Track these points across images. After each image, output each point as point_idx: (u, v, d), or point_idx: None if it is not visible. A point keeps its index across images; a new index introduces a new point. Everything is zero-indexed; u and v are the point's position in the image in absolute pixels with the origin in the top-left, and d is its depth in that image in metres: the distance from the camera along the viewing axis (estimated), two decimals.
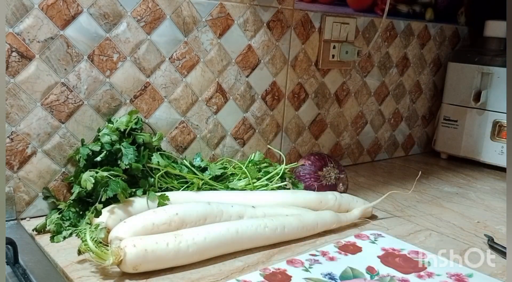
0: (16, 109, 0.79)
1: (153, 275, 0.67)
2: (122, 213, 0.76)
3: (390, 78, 1.34)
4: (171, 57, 0.94)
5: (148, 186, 0.82)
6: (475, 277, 0.72)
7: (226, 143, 1.06)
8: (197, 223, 0.75)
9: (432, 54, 1.42)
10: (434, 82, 1.46)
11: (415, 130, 1.47)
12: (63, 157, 0.85)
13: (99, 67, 0.86)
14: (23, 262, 0.68)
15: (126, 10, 0.87)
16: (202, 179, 0.89)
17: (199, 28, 0.96)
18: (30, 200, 0.83)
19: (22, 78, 0.79)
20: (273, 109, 1.11)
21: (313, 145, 1.22)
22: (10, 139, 0.80)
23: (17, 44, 0.77)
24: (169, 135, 0.97)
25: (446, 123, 1.43)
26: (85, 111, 0.86)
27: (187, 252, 0.69)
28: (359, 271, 0.71)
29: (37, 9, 0.78)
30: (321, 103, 1.20)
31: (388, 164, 1.37)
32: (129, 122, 0.85)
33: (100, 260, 0.64)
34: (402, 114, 1.41)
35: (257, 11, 1.03)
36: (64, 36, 0.81)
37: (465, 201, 1.09)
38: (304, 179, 0.99)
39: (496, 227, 0.94)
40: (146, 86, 0.92)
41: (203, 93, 0.99)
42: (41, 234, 0.78)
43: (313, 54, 1.15)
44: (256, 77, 1.06)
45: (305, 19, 1.11)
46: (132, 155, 0.81)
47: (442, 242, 0.85)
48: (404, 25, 1.32)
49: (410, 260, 0.76)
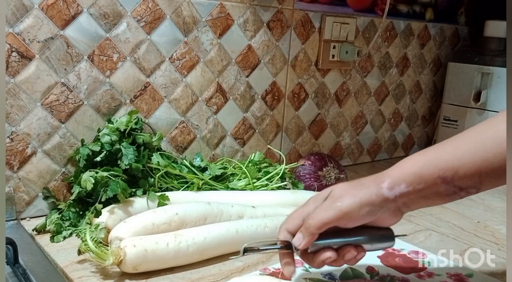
0: (16, 109, 0.79)
1: (153, 275, 0.67)
2: (122, 213, 0.76)
3: (390, 78, 1.34)
4: (171, 57, 0.94)
5: (148, 186, 0.82)
6: (475, 277, 0.72)
7: (226, 143, 1.06)
8: (197, 223, 0.75)
9: (432, 54, 1.42)
10: (434, 82, 1.46)
11: (415, 130, 1.47)
12: (63, 157, 0.85)
13: (99, 67, 0.86)
14: (23, 262, 0.69)
15: (126, 10, 0.87)
16: (202, 179, 0.89)
17: (199, 28, 0.96)
18: (30, 200, 0.83)
19: (22, 78, 0.79)
20: (273, 109, 1.11)
21: (313, 145, 1.22)
22: (10, 139, 0.80)
23: (17, 44, 0.77)
24: (169, 135, 0.97)
25: (446, 123, 1.43)
26: (85, 111, 0.86)
27: (187, 252, 0.69)
28: (359, 271, 0.71)
29: (37, 9, 0.78)
30: (321, 103, 1.20)
31: (388, 164, 1.36)
32: (129, 122, 0.85)
33: (100, 260, 0.64)
34: (402, 114, 1.41)
35: (257, 11, 1.03)
36: (64, 36, 0.81)
37: (465, 201, 1.08)
38: (304, 179, 0.99)
39: (496, 227, 0.94)
40: (146, 86, 0.92)
41: (203, 93, 0.99)
42: (41, 234, 0.78)
43: (313, 54, 1.15)
44: (256, 77, 1.06)
45: (305, 19, 1.11)
46: (132, 155, 0.81)
47: (442, 242, 0.85)
48: (404, 25, 1.32)
49: (410, 260, 0.76)
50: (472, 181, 0.56)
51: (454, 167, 0.55)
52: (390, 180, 0.57)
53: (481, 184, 0.56)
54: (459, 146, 0.56)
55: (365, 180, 0.59)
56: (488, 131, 0.56)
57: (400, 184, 0.57)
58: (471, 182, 0.56)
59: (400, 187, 0.57)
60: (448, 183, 0.56)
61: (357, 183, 0.59)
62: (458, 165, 0.55)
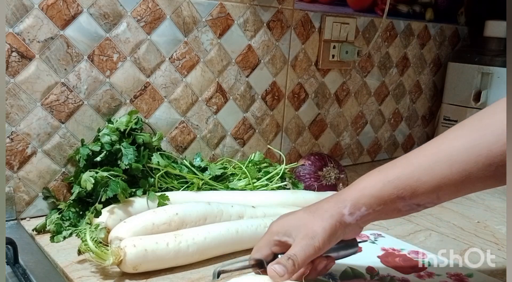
0: (16, 109, 0.79)
1: (153, 275, 0.67)
2: (122, 213, 0.76)
3: (390, 78, 1.34)
4: (171, 57, 0.94)
5: (148, 186, 0.82)
6: (475, 277, 0.72)
7: (226, 143, 1.06)
8: (197, 223, 0.75)
9: (432, 54, 1.42)
10: (434, 82, 1.46)
11: (415, 130, 1.47)
12: (63, 157, 0.85)
13: (99, 67, 0.86)
14: (23, 262, 0.68)
15: (126, 10, 0.87)
16: (202, 179, 0.89)
17: (199, 28, 0.96)
18: (30, 200, 0.83)
19: (22, 78, 0.79)
20: (273, 109, 1.11)
21: (313, 145, 1.22)
22: (10, 139, 0.80)
23: (17, 44, 0.77)
24: (169, 135, 0.97)
25: (446, 123, 1.43)
26: (85, 111, 0.86)
27: (187, 252, 0.69)
28: (359, 271, 0.71)
29: (37, 9, 0.78)
30: (321, 103, 1.20)
31: None
32: (129, 122, 0.85)
33: (100, 260, 0.64)
34: (402, 114, 1.41)
35: (257, 11, 1.03)
36: (64, 36, 0.81)
37: (465, 201, 1.08)
38: (304, 179, 0.99)
39: (496, 227, 0.94)
40: (146, 86, 0.92)
41: (203, 93, 0.99)
42: (41, 234, 0.78)
43: (313, 54, 1.15)
44: (256, 77, 1.06)
45: (305, 19, 1.11)
46: (132, 155, 0.81)
47: (442, 242, 0.85)
48: (404, 25, 1.32)
49: (410, 260, 0.76)
50: (430, 198, 0.57)
51: (413, 187, 0.56)
52: (350, 205, 0.58)
53: (439, 199, 0.57)
54: (418, 163, 0.56)
55: (326, 205, 0.60)
56: (443, 145, 0.56)
57: (360, 208, 0.58)
58: (429, 199, 0.57)
59: (360, 211, 0.58)
60: (406, 201, 0.57)
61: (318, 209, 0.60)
62: (416, 185, 0.56)
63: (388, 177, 0.57)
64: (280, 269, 0.56)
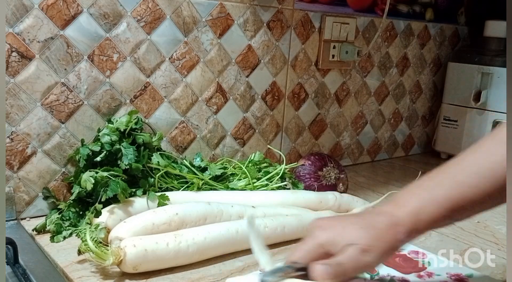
0: (16, 109, 0.79)
1: (153, 275, 0.67)
2: (122, 213, 0.76)
3: (390, 78, 1.34)
4: (171, 57, 0.94)
5: (148, 186, 0.82)
6: (475, 277, 0.72)
7: (226, 143, 1.06)
8: (197, 223, 0.75)
9: (432, 54, 1.42)
10: (434, 82, 1.46)
11: (415, 130, 1.47)
12: (63, 157, 0.85)
13: (99, 67, 0.86)
14: (23, 262, 0.68)
15: (126, 10, 0.87)
16: (202, 179, 0.89)
17: (199, 28, 0.96)
18: (30, 200, 0.83)
19: (22, 78, 0.79)
20: (273, 109, 1.11)
21: (313, 145, 1.22)
22: (10, 139, 0.80)
23: (17, 44, 0.78)
24: (169, 135, 0.97)
25: (446, 123, 1.43)
26: (85, 111, 0.86)
27: (187, 252, 0.69)
28: None
29: (37, 9, 0.78)
30: (321, 103, 1.20)
31: (388, 164, 1.37)
32: (129, 122, 0.85)
33: (100, 260, 0.64)
34: (402, 114, 1.41)
35: (257, 11, 1.03)
36: (64, 36, 0.81)
37: None
38: (304, 179, 0.99)
39: (496, 227, 0.94)
40: (146, 86, 0.92)
41: (203, 93, 0.99)
42: (41, 234, 0.78)
43: (313, 54, 1.15)
44: (256, 77, 1.06)
45: (305, 19, 1.11)
46: (132, 155, 0.81)
47: (442, 242, 0.85)
48: (404, 25, 1.32)
49: (410, 260, 0.76)
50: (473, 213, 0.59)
51: (463, 207, 0.57)
52: (404, 230, 0.57)
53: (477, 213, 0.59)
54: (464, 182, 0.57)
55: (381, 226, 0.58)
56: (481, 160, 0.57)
57: (413, 234, 0.58)
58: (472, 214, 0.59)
59: (416, 234, 0.58)
60: (452, 219, 0.59)
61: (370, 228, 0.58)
62: (465, 205, 0.57)
63: (438, 197, 0.57)
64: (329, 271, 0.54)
